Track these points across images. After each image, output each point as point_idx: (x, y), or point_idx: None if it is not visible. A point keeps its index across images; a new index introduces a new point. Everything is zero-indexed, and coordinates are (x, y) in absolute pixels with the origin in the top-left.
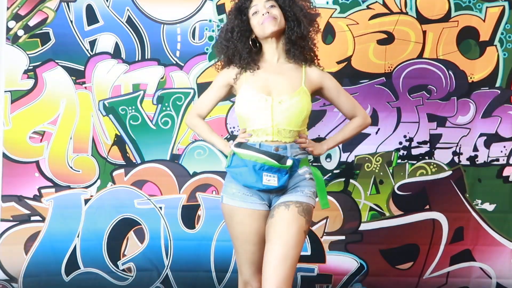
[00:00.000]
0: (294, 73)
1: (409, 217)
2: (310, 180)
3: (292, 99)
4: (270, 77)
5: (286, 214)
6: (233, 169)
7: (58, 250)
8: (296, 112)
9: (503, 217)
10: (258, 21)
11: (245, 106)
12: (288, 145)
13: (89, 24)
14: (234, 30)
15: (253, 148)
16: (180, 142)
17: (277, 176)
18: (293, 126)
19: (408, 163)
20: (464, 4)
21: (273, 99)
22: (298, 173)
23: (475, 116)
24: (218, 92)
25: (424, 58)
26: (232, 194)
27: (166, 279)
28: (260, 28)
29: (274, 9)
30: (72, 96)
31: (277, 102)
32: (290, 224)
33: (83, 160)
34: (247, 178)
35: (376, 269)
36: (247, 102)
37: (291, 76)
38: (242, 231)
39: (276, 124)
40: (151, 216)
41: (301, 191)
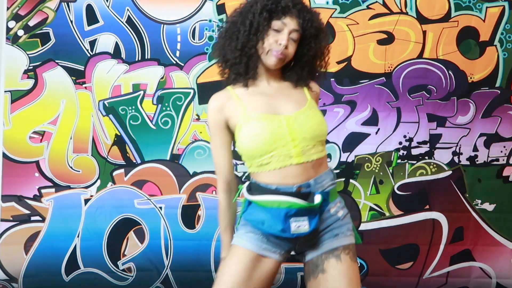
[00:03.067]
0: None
1: (409, 217)
2: (346, 217)
3: (308, 111)
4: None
5: (342, 267)
6: (251, 218)
7: (58, 250)
8: (316, 122)
9: (503, 217)
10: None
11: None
12: (312, 180)
13: (89, 24)
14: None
15: (270, 191)
16: (180, 142)
17: (307, 218)
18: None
19: (408, 163)
20: (464, 4)
21: (288, 118)
22: (330, 212)
23: (475, 116)
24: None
25: (424, 58)
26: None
27: (166, 279)
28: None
29: (292, 46)
30: (72, 96)
31: (292, 119)
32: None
33: (83, 160)
34: (273, 226)
35: (376, 269)
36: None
37: (292, 93)
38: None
39: (299, 142)
40: (151, 216)
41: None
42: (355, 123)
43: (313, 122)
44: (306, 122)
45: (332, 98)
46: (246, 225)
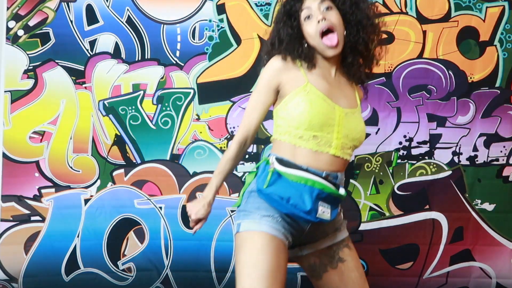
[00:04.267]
0: (349, 89)
1: (409, 217)
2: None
3: (356, 114)
4: (332, 87)
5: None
6: (277, 192)
7: (58, 250)
8: (361, 128)
9: (503, 217)
10: (314, 31)
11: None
12: (340, 174)
13: (89, 24)
14: (283, 40)
15: (302, 169)
16: (180, 142)
17: (330, 207)
18: (355, 143)
19: (408, 163)
20: (464, 4)
21: (340, 109)
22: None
23: (475, 116)
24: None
25: (424, 58)
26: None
27: (166, 279)
28: (316, 44)
29: (331, 13)
30: (72, 96)
31: (344, 114)
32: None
33: (83, 160)
34: (298, 205)
35: (376, 269)
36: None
37: (348, 92)
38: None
39: (342, 137)
40: (151, 216)
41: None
42: None
43: (359, 126)
44: (354, 122)
45: None
46: (259, 208)
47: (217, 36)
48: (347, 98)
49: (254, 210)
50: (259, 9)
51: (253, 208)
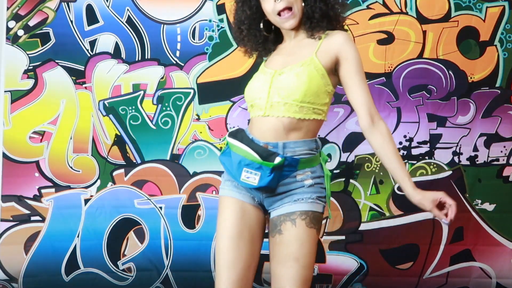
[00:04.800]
0: (308, 46)
1: (409, 217)
2: (312, 187)
3: (293, 69)
4: (282, 58)
5: (295, 231)
6: (223, 157)
7: (58, 250)
8: (294, 81)
9: (503, 217)
10: (271, 9)
11: (249, 85)
12: (281, 143)
13: (89, 24)
14: (243, 20)
15: (245, 138)
16: (180, 142)
17: (260, 174)
18: (288, 99)
19: (408, 163)
20: (464, 4)
21: (275, 72)
22: (296, 177)
23: (475, 116)
24: None
25: (424, 58)
26: (224, 182)
27: (166, 279)
28: (274, 22)
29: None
30: (72, 96)
31: (277, 74)
32: (304, 243)
33: (83, 160)
34: (230, 169)
35: (376, 269)
36: (252, 80)
37: (304, 49)
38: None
39: (270, 96)
40: (151, 216)
41: (300, 199)
42: (355, 123)
43: (291, 79)
44: (285, 78)
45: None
46: (225, 173)
47: (217, 36)
48: (295, 55)
49: (223, 176)
50: None
51: (223, 175)
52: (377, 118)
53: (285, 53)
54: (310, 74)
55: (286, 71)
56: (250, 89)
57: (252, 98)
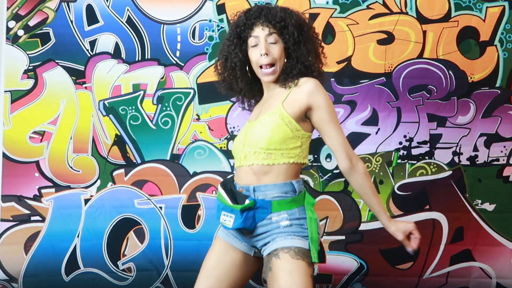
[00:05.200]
0: (279, 95)
1: (409, 217)
2: (291, 227)
3: (262, 120)
4: (258, 109)
5: (280, 263)
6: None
7: (58, 250)
8: (260, 131)
9: (503, 217)
10: (256, 60)
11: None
12: (251, 187)
13: (89, 24)
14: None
15: (229, 184)
16: (180, 142)
17: (234, 216)
18: (255, 148)
19: (408, 163)
20: (464, 4)
21: (250, 124)
22: (271, 219)
23: (475, 116)
24: None
25: (424, 58)
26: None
27: (166, 279)
28: (256, 71)
29: (275, 47)
30: (72, 96)
31: (251, 127)
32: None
33: (83, 160)
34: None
35: (376, 269)
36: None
37: (275, 99)
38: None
39: (244, 148)
40: (151, 216)
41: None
42: (355, 123)
43: (258, 130)
44: (255, 129)
45: (332, 98)
46: None
47: (217, 36)
48: (268, 106)
49: None
50: None
51: None
52: (355, 159)
53: (261, 104)
54: (275, 123)
55: (257, 123)
56: (234, 144)
57: (234, 151)
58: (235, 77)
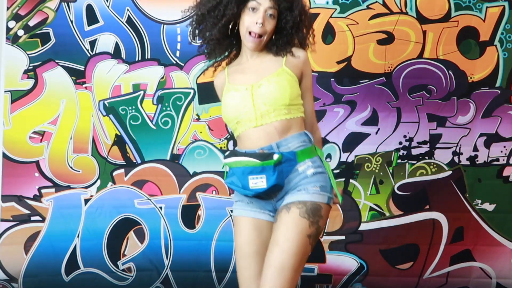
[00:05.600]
0: (274, 61)
1: (409, 217)
2: (315, 176)
3: (271, 79)
4: (248, 74)
5: (286, 217)
6: (228, 180)
7: (58, 250)
8: (277, 88)
9: (503, 217)
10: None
11: (226, 106)
12: (274, 144)
13: (89, 24)
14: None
15: (238, 153)
16: (180, 142)
17: (265, 176)
18: (276, 105)
19: (408, 163)
20: (464, 4)
21: (252, 86)
22: (298, 170)
23: (475, 116)
24: None
25: (424, 58)
26: (235, 203)
27: (166, 279)
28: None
29: (270, 22)
30: (72, 96)
31: (256, 87)
32: (289, 229)
33: (83, 160)
34: (237, 186)
35: (376, 269)
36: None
37: (270, 64)
38: (243, 242)
39: (258, 108)
40: (151, 216)
41: (303, 189)
42: (355, 123)
43: (273, 87)
44: (267, 87)
45: (332, 98)
46: (235, 195)
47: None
48: (265, 70)
49: (234, 197)
50: None
51: (233, 196)
52: (316, 127)
53: (248, 71)
54: (288, 80)
55: (264, 83)
56: (230, 109)
57: (235, 116)
58: (215, 24)
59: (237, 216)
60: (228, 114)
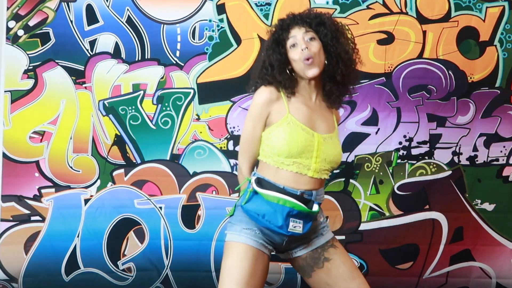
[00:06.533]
0: (328, 113)
1: (409, 217)
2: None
3: (334, 139)
4: (312, 113)
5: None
6: (253, 208)
7: (58, 250)
8: (338, 152)
9: (503, 217)
10: (298, 57)
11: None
12: (314, 192)
13: (89, 24)
14: (273, 65)
15: (278, 188)
16: (180, 142)
17: (303, 222)
18: (332, 166)
19: (408, 163)
20: (464, 4)
21: (319, 137)
22: (318, 220)
23: (475, 116)
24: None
25: (424, 58)
26: (242, 230)
27: (166, 279)
28: (299, 69)
29: (313, 44)
30: (72, 96)
31: (322, 140)
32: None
33: (83, 160)
34: (272, 221)
35: (376, 269)
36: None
37: (327, 116)
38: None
39: (318, 161)
40: (151, 216)
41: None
42: (355, 123)
43: (336, 151)
44: (331, 147)
45: None
46: (241, 221)
47: (217, 36)
48: (326, 123)
49: (237, 222)
50: (259, 9)
51: (237, 221)
52: None
53: (312, 109)
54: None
55: (328, 140)
56: (295, 144)
57: (295, 155)
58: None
59: (241, 243)
60: (289, 147)
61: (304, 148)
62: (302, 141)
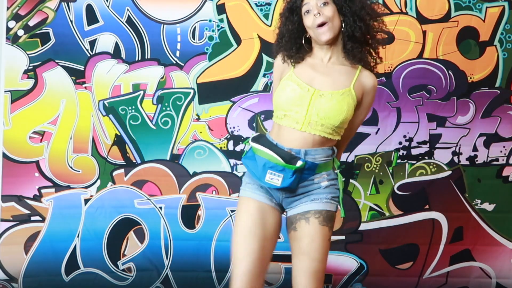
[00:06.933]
0: (345, 74)
1: (409, 217)
2: (328, 188)
3: (335, 96)
4: (315, 72)
5: (308, 228)
6: (246, 160)
7: (58, 250)
8: (336, 108)
9: (503, 217)
10: (311, 23)
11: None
12: (303, 150)
13: (89, 24)
14: (284, 34)
15: (268, 142)
16: (180, 142)
17: (283, 176)
18: (326, 123)
19: (408, 163)
20: (464, 4)
21: (315, 92)
22: (313, 180)
23: (475, 116)
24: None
25: (424, 58)
26: (246, 184)
27: (166, 279)
28: (314, 35)
29: (327, 8)
30: (72, 96)
31: (317, 95)
32: (314, 239)
33: (83, 160)
34: (254, 171)
35: (376, 269)
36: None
37: (340, 76)
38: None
39: (309, 115)
40: (151, 216)
41: (316, 199)
42: None
43: (333, 105)
44: (327, 102)
45: None
46: (246, 176)
47: (217, 36)
48: (333, 82)
49: (244, 178)
50: (259, 9)
51: (245, 177)
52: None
53: (319, 70)
54: (349, 105)
55: (327, 95)
56: (285, 99)
57: (286, 109)
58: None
59: (246, 196)
60: (282, 103)
61: (292, 100)
62: (289, 91)
